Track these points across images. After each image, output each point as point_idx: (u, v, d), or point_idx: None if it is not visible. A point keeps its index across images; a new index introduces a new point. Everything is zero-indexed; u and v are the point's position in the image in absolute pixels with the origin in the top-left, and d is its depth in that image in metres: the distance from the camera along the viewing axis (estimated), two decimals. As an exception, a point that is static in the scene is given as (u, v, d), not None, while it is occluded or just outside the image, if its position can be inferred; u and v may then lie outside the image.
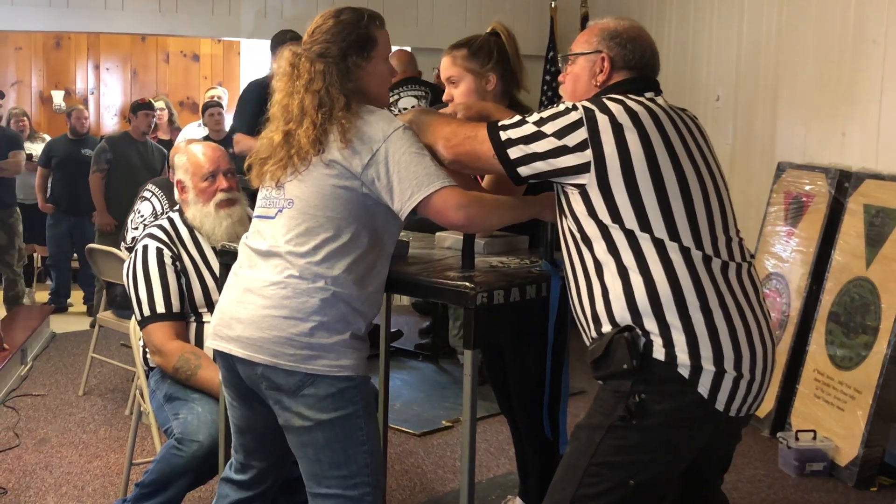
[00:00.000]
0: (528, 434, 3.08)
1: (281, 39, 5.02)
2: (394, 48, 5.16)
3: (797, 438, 4.03)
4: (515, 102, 2.88)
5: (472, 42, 2.84)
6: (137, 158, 6.50)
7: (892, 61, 4.19)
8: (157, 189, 4.71)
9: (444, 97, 2.85)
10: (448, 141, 2.24)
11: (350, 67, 2.27)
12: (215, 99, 7.64)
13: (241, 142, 4.91)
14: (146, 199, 4.69)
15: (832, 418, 4.09)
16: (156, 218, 4.49)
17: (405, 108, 5.16)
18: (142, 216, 4.64)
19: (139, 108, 6.65)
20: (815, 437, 4.03)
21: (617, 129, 2.04)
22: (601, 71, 2.23)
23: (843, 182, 4.40)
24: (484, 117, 2.46)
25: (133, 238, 4.59)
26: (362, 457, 2.25)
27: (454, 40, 2.89)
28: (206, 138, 7.28)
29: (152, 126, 6.73)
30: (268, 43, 6.01)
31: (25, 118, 7.90)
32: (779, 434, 4.18)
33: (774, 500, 3.77)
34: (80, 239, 6.74)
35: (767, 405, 4.42)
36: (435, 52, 6.73)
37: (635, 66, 2.22)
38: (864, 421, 3.90)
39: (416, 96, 5.22)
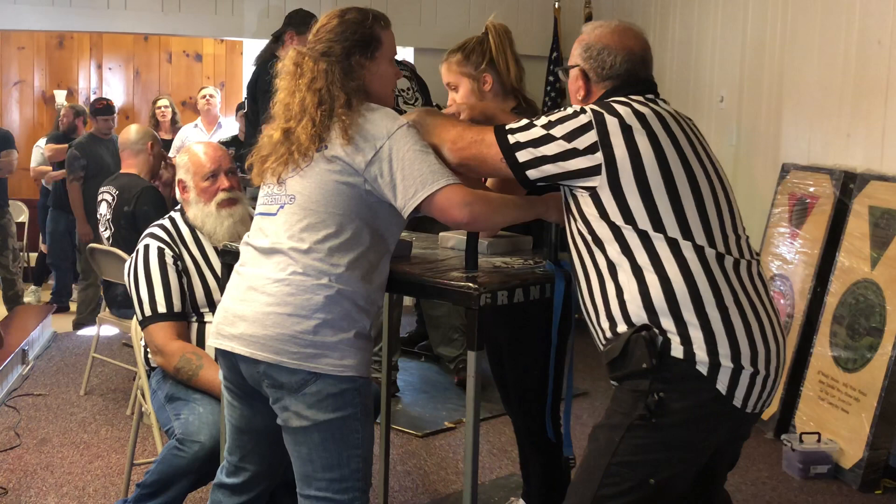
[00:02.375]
0: (527, 435, 3.07)
1: (306, 21, 5.00)
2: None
3: (801, 441, 4.01)
4: (523, 100, 2.87)
5: (464, 46, 2.89)
6: (109, 157, 6.47)
7: (898, 62, 4.17)
8: (107, 186, 4.79)
9: (448, 102, 2.87)
10: (454, 144, 2.24)
11: (353, 67, 2.26)
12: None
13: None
14: (102, 200, 4.77)
15: (837, 420, 4.07)
16: (111, 210, 4.59)
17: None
18: (104, 216, 4.72)
19: (98, 112, 6.55)
20: (819, 440, 4.02)
21: (626, 131, 2.05)
22: (580, 86, 2.25)
23: (848, 183, 4.39)
24: (488, 118, 2.46)
25: (108, 238, 4.65)
26: (355, 461, 2.24)
27: (457, 41, 2.93)
28: (196, 126, 7.32)
29: (113, 127, 6.65)
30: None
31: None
32: (783, 436, 4.17)
33: (778, 502, 3.76)
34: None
35: (772, 407, 4.41)
36: (438, 53, 6.72)
37: (610, 77, 2.22)
38: (868, 423, 3.88)
39: (406, 77, 5.13)
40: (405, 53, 6.94)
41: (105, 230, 4.72)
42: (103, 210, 4.73)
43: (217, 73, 9.65)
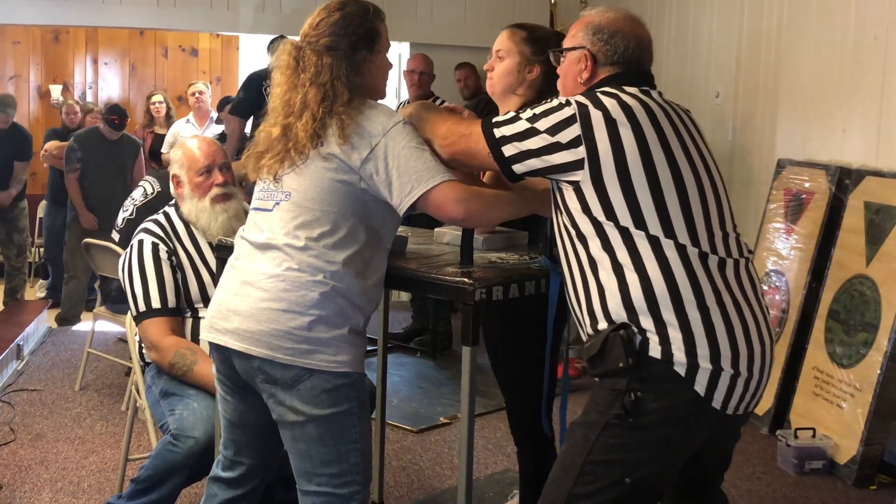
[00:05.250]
0: (520, 432, 3.07)
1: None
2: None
3: (796, 436, 4.01)
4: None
5: (536, 29, 2.86)
6: (105, 157, 6.45)
7: (894, 58, 4.17)
8: (150, 177, 4.83)
9: (485, 67, 2.85)
10: (444, 139, 2.23)
11: (360, 62, 2.26)
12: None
13: (228, 119, 5.71)
14: (141, 185, 4.79)
15: (831, 416, 4.07)
16: (146, 198, 4.59)
17: None
18: (133, 200, 4.73)
19: (110, 123, 6.43)
20: (814, 435, 4.02)
21: (611, 124, 2.02)
22: (585, 68, 2.20)
23: (844, 179, 4.39)
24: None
25: (123, 220, 4.65)
26: (354, 455, 2.24)
27: (453, 35, 2.90)
28: (188, 122, 7.31)
29: (118, 137, 6.60)
30: (267, 38, 6.01)
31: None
32: (778, 432, 4.17)
33: (773, 498, 3.76)
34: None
35: (766, 403, 4.41)
36: (434, 48, 6.75)
37: (619, 62, 2.18)
38: (863, 419, 3.89)
39: None
40: (401, 48, 6.94)
41: (126, 210, 4.71)
42: (137, 195, 4.74)
43: (213, 67, 9.63)
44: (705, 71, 5.57)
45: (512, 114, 2.13)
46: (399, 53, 6.93)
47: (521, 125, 2.09)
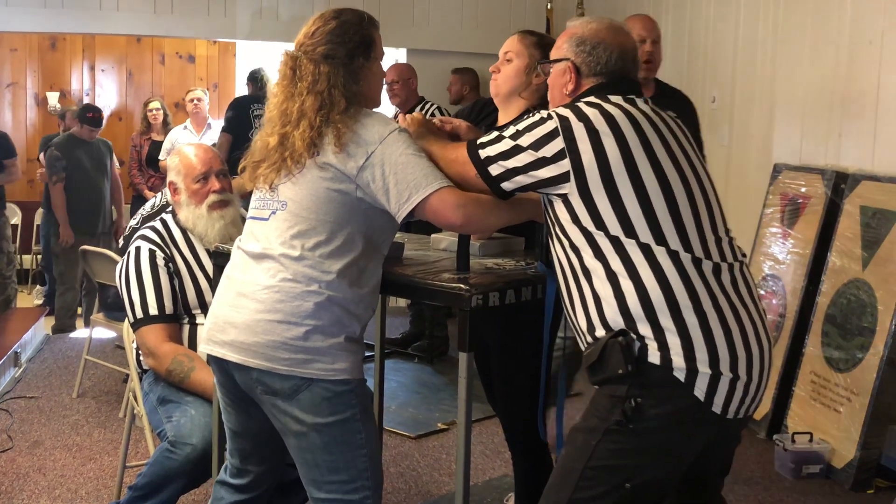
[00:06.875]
0: (513, 437, 3.07)
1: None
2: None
3: (793, 441, 4.02)
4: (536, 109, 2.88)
5: (545, 36, 2.89)
6: (87, 160, 6.46)
7: (889, 62, 4.18)
8: (166, 189, 4.78)
9: (491, 69, 2.87)
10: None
11: (357, 70, 2.26)
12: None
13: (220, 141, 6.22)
14: (154, 197, 4.77)
15: (828, 420, 4.08)
16: (153, 209, 4.58)
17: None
18: (143, 209, 4.71)
19: (87, 121, 6.45)
20: (811, 440, 4.02)
21: (593, 134, 2.03)
22: (569, 80, 2.22)
23: (840, 183, 4.40)
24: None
25: (130, 228, 4.64)
26: (361, 461, 2.24)
27: (450, 42, 2.92)
28: (186, 128, 7.32)
29: (96, 136, 6.61)
30: (263, 44, 6.04)
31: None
32: (775, 436, 4.17)
33: (771, 502, 3.76)
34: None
35: (764, 407, 4.41)
36: (431, 54, 6.76)
37: (602, 73, 2.20)
38: (860, 423, 3.89)
39: None
40: (398, 54, 6.95)
41: (134, 221, 4.70)
42: (147, 205, 4.71)
43: (210, 74, 9.64)
44: (701, 76, 5.58)
45: (495, 133, 2.16)
46: (396, 59, 6.94)
47: (505, 143, 2.11)
